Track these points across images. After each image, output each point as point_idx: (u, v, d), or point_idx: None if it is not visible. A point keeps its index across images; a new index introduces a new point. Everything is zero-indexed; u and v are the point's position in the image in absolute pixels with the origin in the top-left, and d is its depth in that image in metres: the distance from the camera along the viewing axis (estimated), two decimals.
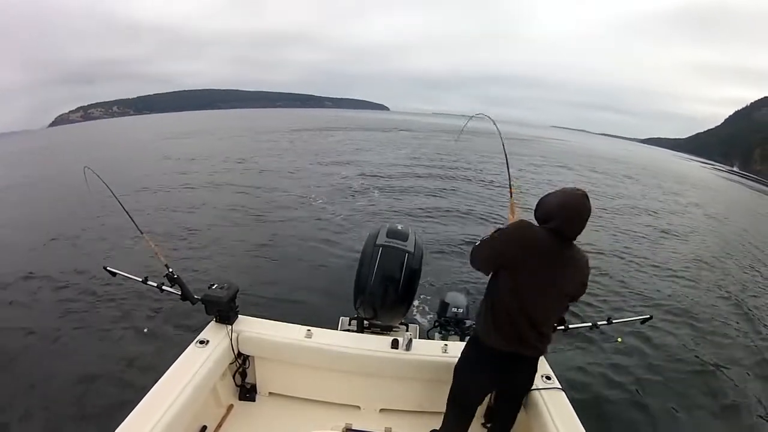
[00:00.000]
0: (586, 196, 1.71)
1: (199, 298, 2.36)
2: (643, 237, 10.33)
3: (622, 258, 8.18)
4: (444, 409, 2.12)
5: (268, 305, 5.07)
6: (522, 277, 1.75)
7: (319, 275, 6.14)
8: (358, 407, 2.50)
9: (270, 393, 2.57)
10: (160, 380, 1.94)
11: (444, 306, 2.89)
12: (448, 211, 10.82)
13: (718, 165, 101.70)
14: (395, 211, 10.37)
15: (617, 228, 10.86)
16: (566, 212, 1.70)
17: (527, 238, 1.75)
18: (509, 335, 1.80)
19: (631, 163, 38.41)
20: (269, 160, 18.79)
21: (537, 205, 1.84)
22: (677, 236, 11.10)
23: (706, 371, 4.74)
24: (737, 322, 6.16)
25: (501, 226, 1.92)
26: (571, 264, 1.78)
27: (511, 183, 2.11)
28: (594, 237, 9.23)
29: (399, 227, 2.75)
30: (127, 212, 2.47)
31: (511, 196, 2.06)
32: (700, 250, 10.01)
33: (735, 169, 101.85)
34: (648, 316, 2.64)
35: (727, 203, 21.72)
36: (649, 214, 13.74)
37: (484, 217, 10.58)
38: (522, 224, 1.82)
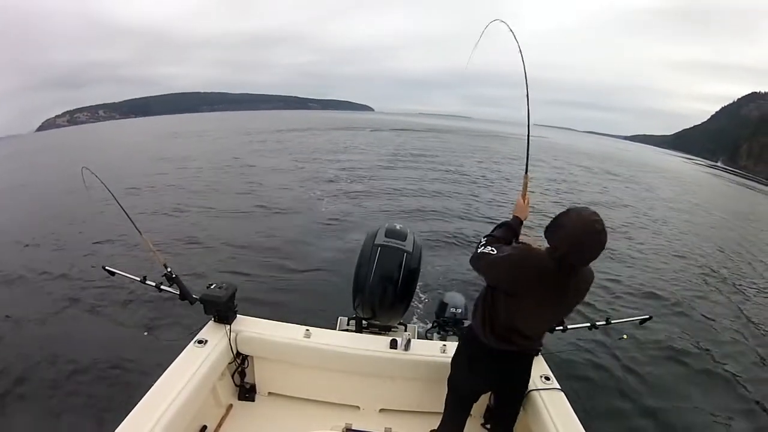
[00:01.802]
0: (603, 228, 1.56)
1: (198, 297, 2.36)
2: (638, 234, 10.38)
3: (619, 257, 8.19)
4: (442, 409, 2.13)
5: (266, 305, 5.06)
6: (519, 304, 1.74)
7: (318, 275, 6.14)
8: (358, 407, 2.50)
9: (269, 393, 2.56)
10: (158, 380, 1.93)
11: (442, 306, 2.89)
12: (444, 208, 10.84)
13: (697, 159, 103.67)
14: (392, 210, 10.39)
15: (611, 225, 10.90)
16: (577, 244, 1.56)
17: (528, 272, 1.68)
18: (502, 339, 1.85)
19: (606, 157, 39.27)
20: (262, 160, 18.90)
21: (550, 225, 1.67)
22: (669, 233, 11.20)
23: (706, 370, 4.76)
24: (736, 319, 6.19)
25: (505, 221, 1.94)
26: (572, 291, 1.73)
27: (528, 161, 2.05)
28: None
29: (397, 227, 2.75)
30: (125, 212, 2.46)
31: (526, 173, 1.99)
32: (696, 246, 10.08)
33: (719, 164, 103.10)
34: (647, 316, 2.64)
35: (708, 197, 22.53)
36: (635, 209, 14.00)
37: (480, 214, 10.60)
38: (524, 254, 1.71)
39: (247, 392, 2.53)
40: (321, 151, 23.45)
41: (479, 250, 1.79)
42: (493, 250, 1.74)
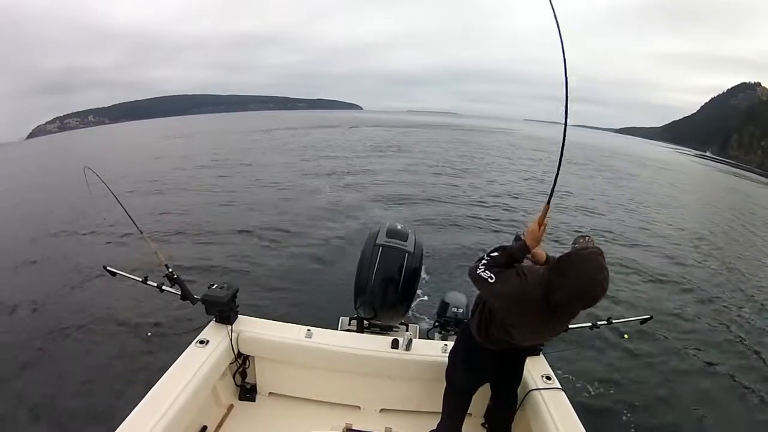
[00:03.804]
0: (606, 279, 1.52)
1: (199, 298, 2.36)
2: (637, 233, 10.37)
3: (620, 256, 8.17)
4: (442, 405, 2.15)
5: (268, 305, 5.07)
6: (512, 329, 1.78)
7: (319, 275, 6.14)
8: (358, 407, 2.50)
9: (270, 393, 2.56)
10: (160, 380, 1.94)
11: (444, 306, 2.89)
12: (445, 209, 10.84)
13: (686, 150, 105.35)
14: (393, 210, 10.39)
15: (611, 224, 10.89)
16: (579, 295, 1.55)
17: (523, 308, 1.68)
18: (495, 343, 1.91)
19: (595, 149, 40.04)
20: (259, 160, 19.03)
21: (554, 266, 1.65)
22: (667, 231, 11.20)
23: (706, 369, 4.75)
24: (738, 317, 6.18)
25: (509, 247, 1.78)
26: (566, 318, 1.76)
27: (554, 189, 1.75)
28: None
29: (399, 227, 2.75)
30: (126, 212, 2.46)
31: (548, 202, 1.75)
32: (695, 244, 10.09)
33: (707, 154, 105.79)
34: (648, 316, 2.64)
35: (702, 189, 23.24)
36: (630, 206, 14.02)
37: (481, 215, 10.60)
38: (520, 292, 1.66)
39: (247, 392, 2.53)
40: (314, 149, 23.99)
41: (478, 272, 1.73)
42: (491, 277, 1.68)
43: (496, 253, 1.76)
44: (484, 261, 1.75)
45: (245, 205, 10.43)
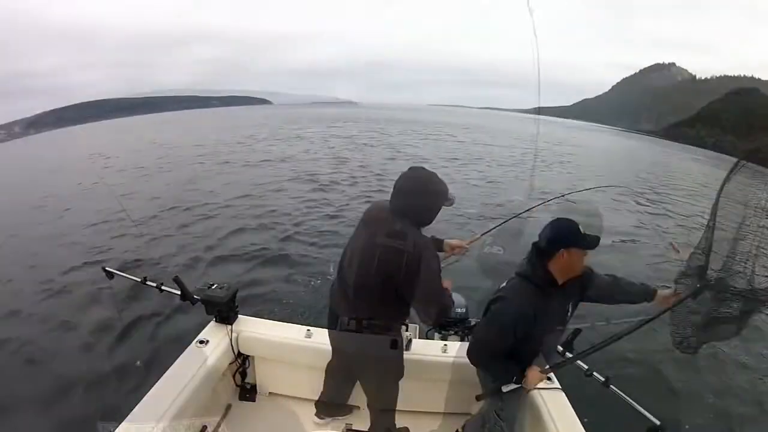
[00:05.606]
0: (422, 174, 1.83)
1: (199, 298, 2.36)
2: (634, 231, 10.32)
3: (617, 255, 8.17)
4: (442, 409, 2.15)
5: (267, 305, 5.06)
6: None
7: (319, 275, 6.14)
8: (358, 407, 2.50)
9: (270, 393, 2.57)
10: (159, 380, 1.94)
11: None
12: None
13: (598, 126, 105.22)
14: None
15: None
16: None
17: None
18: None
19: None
20: (249, 157, 18.65)
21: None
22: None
23: (705, 370, 4.76)
24: None
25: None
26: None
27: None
28: None
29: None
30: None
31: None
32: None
33: (621, 128, 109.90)
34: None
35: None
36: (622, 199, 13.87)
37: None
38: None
39: (247, 392, 2.54)
40: (312, 148, 23.78)
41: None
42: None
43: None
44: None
45: (245, 205, 10.41)
